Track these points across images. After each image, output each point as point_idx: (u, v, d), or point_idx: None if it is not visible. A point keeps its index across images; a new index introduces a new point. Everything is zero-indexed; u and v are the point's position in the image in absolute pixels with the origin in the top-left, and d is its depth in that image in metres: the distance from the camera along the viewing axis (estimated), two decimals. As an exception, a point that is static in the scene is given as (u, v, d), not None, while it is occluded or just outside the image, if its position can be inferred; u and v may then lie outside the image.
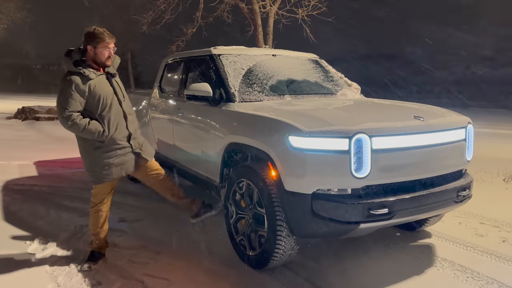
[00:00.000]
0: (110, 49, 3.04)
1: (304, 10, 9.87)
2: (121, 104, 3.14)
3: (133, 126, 3.23)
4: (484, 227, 4.14)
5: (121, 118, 3.13)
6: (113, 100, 3.09)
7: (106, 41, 3.00)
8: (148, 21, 11.30)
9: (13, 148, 8.57)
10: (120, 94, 3.16)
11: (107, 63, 3.08)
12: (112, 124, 3.05)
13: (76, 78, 2.93)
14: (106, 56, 3.03)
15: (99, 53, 3.01)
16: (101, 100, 3.02)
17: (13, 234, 3.84)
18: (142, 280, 3.01)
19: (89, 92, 2.97)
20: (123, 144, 3.13)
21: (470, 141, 3.36)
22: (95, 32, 3.00)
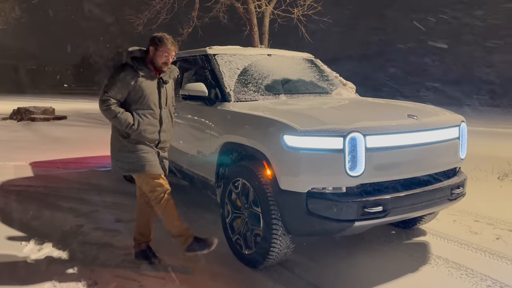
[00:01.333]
0: (169, 55, 3.11)
1: (300, 10, 9.90)
2: (161, 110, 3.17)
3: (165, 136, 3.23)
4: (478, 225, 4.17)
5: (155, 122, 3.14)
6: (154, 103, 3.12)
7: (168, 46, 3.09)
8: (143, 21, 11.30)
9: (8, 149, 8.54)
10: (163, 101, 3.19)
11: (163, 68, 3.13)
12: (143, 123, 3.06)
13: (127, 70, 3.05)
14: (163, 61, 3.10)
15: (158, 56, 3.09)
16: (141, 98, 3.07)
17: (9, 234, 3.84)
18: (138, 279, 3.01)
19: (134, 86, 3.03)
20: (150, 144, 3.13)
21: (463, 139, 3.39)
22: (161, 36, 3.12)
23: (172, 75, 3.28)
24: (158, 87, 3.16)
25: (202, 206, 4.73)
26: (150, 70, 3.13)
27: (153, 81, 3.13)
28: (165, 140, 3.24)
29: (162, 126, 3.18)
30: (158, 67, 3.13)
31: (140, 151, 3.09)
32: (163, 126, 3.18)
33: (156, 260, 3.31)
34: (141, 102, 3.08)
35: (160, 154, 3.21)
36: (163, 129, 3.19)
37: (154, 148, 3.16)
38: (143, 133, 3.08)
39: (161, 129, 3.17)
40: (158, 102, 3.15)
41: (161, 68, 3.13)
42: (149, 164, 3.09)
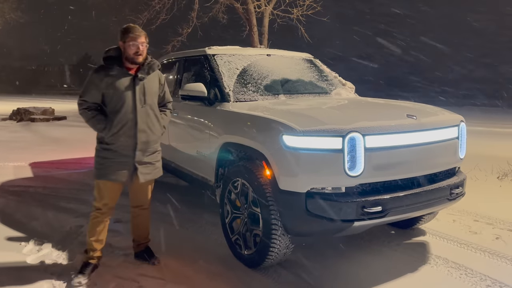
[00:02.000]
0: (138, 43, 2.93)
1: (299, 10, 9.90)
2: (136, 109, 2.97)
3: (146, 137, 3.03)
4: (478, 225, 4.17)
5: (129, 122, 2.96)
6: (127, 103, 2.95)
7: (134, 34, 2.92)
8: (143, 21, 11.28)
9: (8, 150, 8.54)
10: (140, 100, 2.99)
11: (137, 60, 2.95)
12: (115, 125, 2.94)
13: (99, 71, 2.96)
14: (133, 51, 2.92)
15: (127, 48, 2.93)
16: (114, 99, 2.94)
17: (8, 235, 3.83)
18: (137, 280, 3.01)
19: (106, 87, 2.93)
20: (124, 149, 2.98)
21: (463, 139, 3.39)
22: (125, 27, 2.97)
23: (151, 70, 3.06)
24: (132, 85, 2.97)
25: (201, 207, 4.73)
26: (126, 67, 2.98)
27: (126, 79, 2.96)
28: (146, 141, 3.04)
29: (138, 127, 2.98)
30: (131, 60, 2.95)
31: (108, 157, 2.98)
32: (139, 126, 2.98)
33: (155, 260, 3.30)
34: (114, 103, 2.94)
35: (138, 158, 3.01)
36: (140, 129, 2.99)
37: (128, 154, 2.98)
38: (116, 136, 2.95)
39: (137, 130, 2.97)
40: (132, 102, 2.96)
41: (134, 60, 2.94)
42: (110, 172, 2.97)
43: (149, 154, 3.10)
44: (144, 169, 3.06)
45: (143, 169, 3.06)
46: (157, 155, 3.18)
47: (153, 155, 3.13)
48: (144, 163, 3.06)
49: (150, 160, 3.10)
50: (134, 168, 3.02)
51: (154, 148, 3.13)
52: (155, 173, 3.19)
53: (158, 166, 3.21)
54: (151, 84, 3.08)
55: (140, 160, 3.03)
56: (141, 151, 3.03)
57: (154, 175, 3.18)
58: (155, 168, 3.16)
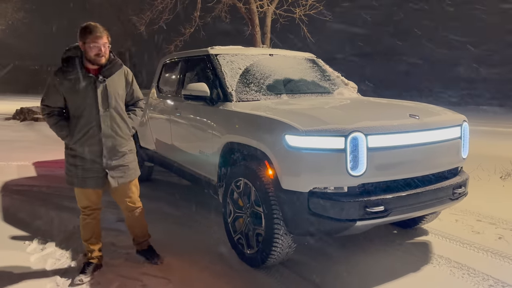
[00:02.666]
0: (99, 45, 2.74)
1: (302, 10, 9.90)
2: (99, 113, 2.81)
3: (112, 142, 2.89)
4: (480, 224, 4.17)
5: (92, 129, 2.82)
6: (88, 107, 2.80)
7: (95, 35, 2.71)
8: (146, 21, 11.32)
9: (11, 149, 8.58)
10: (103, 103, 2.82)
11: (99, 61, 2.77)
12: (78, 131, 2.82)
13: (58, 75, 2.80)
14: (95, 53, 2.74)
15: (87, 49, 2.74)
16: (74, 103, 2.81)
17: (12, 234, 3.86)
18: (141, 279, 3.03)
19: (67, 91, 2.79)
20: (88, 156, 2.86)
21: (465, 139, 3.39)
22: (85, 26, 2.75)
23: (113, 69, 2.87)
24: (93, 88, 2.79)
25: (204, 206, 4.74)
26: (86, 69, 2.80)
27: (86, 82, 2.78)
28: (112, 146, 2.89)
29: (103, 132, 2.83)
30: (94, 61, 2.77)
31: (76, 164, 2.89)
32: (104, 131, 2.83)
33: (158, 260, 3.31)
34: (75, 108, 2.80)
35: (106, 164, 2.89)
36: (105, 134, 2.84)
37: (95, 159, 2.87)
38: (80, 142, 2.83)
39: (101, 135, 2.83)
40: (94, 106, 2.79)
41: (96, 61, 2.76)
42: (81, 181, 2.90)
43: (119, 158, 2.95)
44: (115, 173, 2.94)
45: (114, 173, 2.93)
46: (128, 157, 3.02)
47: (123, 157, 2.98)
48: (113, 167, 2.93)
49: (120, 163, 2.96)
50: (104, 173, 2.91)
51: (123, 151, 2.98)
52: (130, 175, 3.04)
53: (132, 167, 3.05)
54: (115, 85, 2.90)
55: (108, 165, 2.90)
56: (108, 157, 2.89)
57: (128, 177, 3.03)
58: (128, 169, 3.02)
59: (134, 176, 3.10)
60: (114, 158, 2.93)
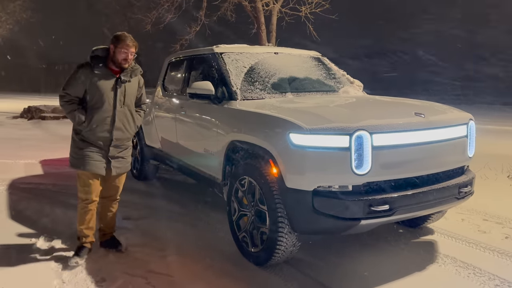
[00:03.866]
0: (128, 52, 3.18)
1: (307, 8, 9.87)
2: (115, 108, 3.22)
3: (120, 134, 3.28)
4: (487, 224, 4.13)
5: (107, 119, 3.21)
6: (108, 101, 3.19)
7: (126, 43, 3.16)
8: (151, 20, 11.35)
9: (19, 147, 8.65)
10: (120, 100, 3.24)
11: (124, 65, 3.20)
12: (94, 121, 3.17)
13: (85, 68, 3.17)
14: (123, 58, 3.17)
15: (117, 53, 3.16)
16: (95, 96, 3.16)
17: (19, 231, 3.89)
18: (146, 276, 3.04)
19: (90, 84, 3.15)
20: (100, 143, 3.23)
21: (471, 138, 3.37)
22: (120, 34, 3.22)
23: (133, 74, 3.31)
24: (114, 86, 3.21)
25: (209, 204, 4.75)
26: (110, 69, 3.21)
27: (110, 80, 3.20)
28: (120, 138, 3.29)
29: (115, 125, 3.23)
30: (118, 64, 3.19)
31: (85, 148, 3.21)
32: (116, 124, 3.23)
33: (121, 247, 3.47)
34: (95, 100, 3.17)
35: (111, 153, 3.26)
36: (116, 127, 3.24)
37: (102, 147, 3.24)
38: (93, 131, 3.19)
39: (113, 127, 3.23)
40: (113, 101, 3.21)
41: (121, 64, 3.19)
42: (88, 163, 3.20)
43: (122, 150, 3.35)
44: (116, 163, 3.32)
45: (116, 163, 3.32)
46: (128, 151, 3.44)
47: (125, 150, 3.39)
48: (116, 158, 3.32)
49: (122, 155, 3.36)
50: (107, 161, 3.27)
51: (126, 145, 3.39)
52: (126, 167, 3.45)
53: (129, 161, 3.47)
54: (132, 87, 3.34)
55: (113, 155, 3.28)
56: (115, 147, 3.28)
57: (125, 169, 3.45)
58: (126, 162, 3.43)
59: (128, 169, 3.50)
60: (118, 150, 3.32)
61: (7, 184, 5.59)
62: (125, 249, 3.48)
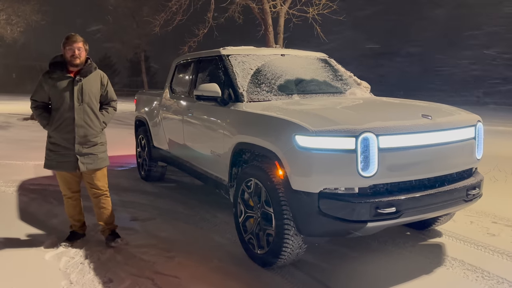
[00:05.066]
0: (74, 48, 3.37)
1: (315, 9, 9.85)
2: (74, 107, 3.40)
3: (84, 131, 3.45)
4: (496, 226, 4.09)
5: (67, 119, 3.41)
6: (66, 101, 3.39)
7: (71, 40, 3.38)
8: (160, 22, 11.42)
9: (29, 149, 8.75)
10: (78, 99, 3.41)
11: (74, 62, 3.39)
12: (56, 121, 3.42)
13: (44, 75, 3.47)
14: (70, 55, 3.37)
15: (65, 53, 3.40)
16: (55, 98, 3.42)
17: (28, 232, 3.94)
18: (152, 277, 3.06)
19: (50, 89, 3.42)
20: (64, 143, 3.44)
21: (480, 140, 3.33)
22: (67, 35, 3.44)
23: (88, 72, 3.48)
24: (71, 85, 3.40)
25: (215, 206, 4.77)
26: (68, 71, 3.43)
27: (66, 81, 3.41)
28: (84, 135, 3.46)
29: (76, 122, 3.40)
30: (69, 63, 3.40)
31: (54, 150, 3.47)
32: (77, 122, 3.40)
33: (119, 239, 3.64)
34: (55, 102, 3.42)
35: (77, 150, 3.44)
36: (78, 125, 3.41)
37: (69, 147, 3.43)
38: (57, 131, 3.43)
39: (74, 125, 3.40)
40: (70, 100, 3.39)
41: (72, 62, 3.38)
42: (57, 164, 3.48)
43: (89, 146, 3.51)
44: (84, 160, 3.48)
45: (84, 160, 3.48)
46: (99, 147, 3.57)
47: (94, 147, 3.54)
48: (84, 154, 3.48)
49: (91, 151, 3.51)
50: (76, 159, 3.46)
51: (93, 141, 3.53)
52: (98, 163, 3.57)
53: (102, 157, 3.60)
54: (91, 84, 3.50)
55: (79, 151, 3.46)
56: (79, 144, 3.46)
57: (97, 165, 3.57)
58: (97, 158, 3.56)
59: (103, 164, 3.63)
60: (85, 146, 3.49)
61: (17, 185, 5.66)
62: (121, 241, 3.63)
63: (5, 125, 13.38)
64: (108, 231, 3.71)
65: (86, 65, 3.48)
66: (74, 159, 3.45)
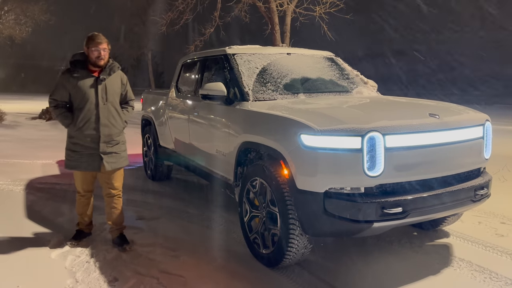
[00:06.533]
0: (100, 49, 3.34)
1: (322, 8, 9.81)
2: (98, 106, 3.39)
3: (108, 130, 3.44)
4: (505, 227, 4.04)
5: (92, 118, 3.39)
6: (91, 101, 3.37)
7: (96, 41, 3.33)
8: (167, 21, 11.46)
9: (37, 148, 8.82)
10: (102, 98, 3.40)
11: (98, 63, 3.37)
12: (80, 121, 3.38)
13: (65, 74, 3.41)
14: (96, 56, 3.34)
15: (90, 53, 3.35)
16: (79, 98, 3.37)
17: (35, 230, 3.97)
18: (158, 276, 3.06)
19: (72, 88, 3.37)
20: (87, 142, 3.42)
21: (488, 139, 3.29)
22: (90, 35, 3.39)
23: (112, 71, 3.46)
24: (95, 85, 3.38)
25: (221, 205, 4.76)
26: (89, 70, 3.40)
27: (89, 80, 3.38)
28: (108, 134, 3.45)
29: (101, 121, 3.39)
30: (94, 63, 3.36)
31: (77, 150, 3.45)
32: (101, 121, 3.39)
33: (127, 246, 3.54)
34: (79, 101, 3.38)
35: (102, 149, 3.42)
36: (102, 124, 3.40)
37: (92, 145, 3.41)
38: (81, 130, 3.39)
39: (99, 124, 3.39)
40: (95, 99, 3.37)
41: (96, 63, 3.36)
42: (81, 164, 3.45)
43: (113, 145, 3.50)
44: (109, 159, 3.47)
45: (108, 159, 3.46)
46: (121, 146, 3.57)
47: (117, 145, 3.53)
48: (108, 153, 3.46)
49: (114, 150, 3.50)
50: (100, 158, 3.44)
51: (117, 140, 3.53)
52: (121, 162, 3.57)
53: (124, 156, 3.60)
54: (113, 83, 3.50)
55: (104, 150, 3.44)
56: (104, 143, 3.44)
57: (120, 164, 3.56)
58: (120, 157, 3.55)
59: (124, 163, 3.62)
60: (109, 145, 3.47)
61: (25, 184, 5.70)
62: (129, 249, 3.53)
63: (13, 124, 13.49)
64: (117, 232, 3.66)
65: (108, 65, 3.46)
66: (98, 158, 3.43)
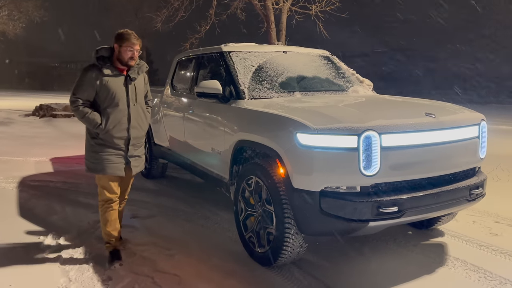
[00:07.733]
0: (134, 50, 3.13)
1: (318, 6, 9.80)
2: (129, 107, 3.19)
3: (136, 132, 3.26)
4: (499, 226, 4.05)
5: (123, 119, 3.18)
6: (121, 101, 3.16)
7: (131, 41, 3.12)
8: (162, 19, 11.40)
9: (30, 145, 8.75)
10: (133, 98, 3.21)
11: (130, 63, 3.16)
12: (111, 122, 3.13)
13: (93, 70, 3.11)
14: (129, 56, 3.13)
15: (123, 52, 3.12)
16: (108, 97, 3.12)
17: (28, 229, 3.92)
18: (152, 275, 3.04)
19: (101, 86, 3.10)
20: (118, 144, 3.19)
21: (483, 139, 3.30)
22: (123, 32, 3.16)
23: (140, 71, 3.28)
24: (125, 84, 3.18)
25: (216, 204, 4.74)
26: (117, 68, 3.16)
27: (120, 79, 3.16)
28: (136, 137, 3.27)
29: (131, 123, 3.21)
30: (125, 63, 3.14)
31: (104, 152, 3.17)
32: (132, 123, 3.22)
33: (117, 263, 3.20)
34: (108, 101, 3.13)
35: (130, 153, 3.24)
36: (132, 126, 3.22)
37: (121, 148, 3.20)
38: (111, 132, 3.14)
39: (130, 126, 3.21)
40: (126, 100, 3.18)
41: (128, 63, 3.15)
42: (108, 167, 3.17)
43: (138, 148, 3.34)
44: (135, 162, 3.32)
45: (134, 162, 3.31)
46: (143, 149, 3.45)
47: (140, 148, 3.38)
48: (134, 157, 3.31)
49: (139, 154, 3.36)
50: (127, 161, 3.25)
51: (142, 142, 3.40)
52: (142, 166, 3.44)
53: (143, 159, 3.48)
54: (140, 83, 3.31)
55: (132, 154, 3.27)
56: (133, 145, 3.27)
57: (141, 168, 3.44)
58: (142, 161, 3.43)
59: (143, 167, 3.49)
60: (136, 148, 3.31)
61: (18, 181, 5.65)
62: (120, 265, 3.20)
63: (6, 121, 13.37)
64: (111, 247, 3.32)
65: (136, 64, 3.25)
66: (126, 161, 3.23)
